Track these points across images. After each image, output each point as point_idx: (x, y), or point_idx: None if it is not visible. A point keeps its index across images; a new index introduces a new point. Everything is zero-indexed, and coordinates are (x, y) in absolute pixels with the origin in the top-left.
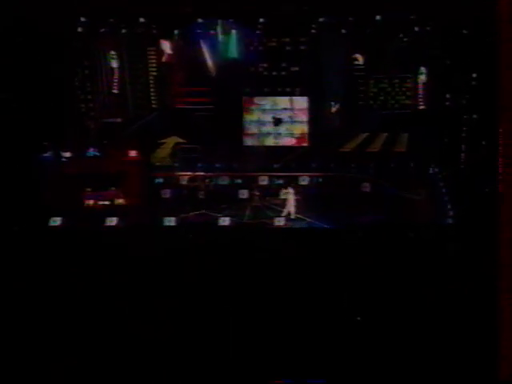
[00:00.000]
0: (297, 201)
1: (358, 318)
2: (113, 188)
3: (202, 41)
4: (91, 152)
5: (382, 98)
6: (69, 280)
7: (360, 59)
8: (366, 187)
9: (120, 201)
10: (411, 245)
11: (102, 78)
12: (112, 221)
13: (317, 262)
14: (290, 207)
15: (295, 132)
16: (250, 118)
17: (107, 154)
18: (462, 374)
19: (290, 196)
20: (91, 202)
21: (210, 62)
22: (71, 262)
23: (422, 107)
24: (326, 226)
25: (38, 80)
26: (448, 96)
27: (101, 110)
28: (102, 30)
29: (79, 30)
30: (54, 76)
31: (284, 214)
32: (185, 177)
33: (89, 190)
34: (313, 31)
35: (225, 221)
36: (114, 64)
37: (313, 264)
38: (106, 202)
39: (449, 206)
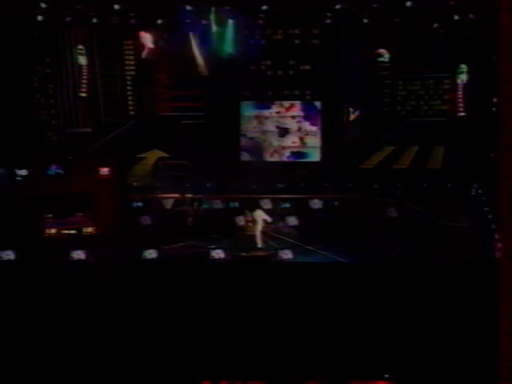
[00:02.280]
0: (270, 228)
1: (386, 376)
2: (80, 213)
3: (192, 33)
4: (53, 169)
5: (412, 102)
6: (25, 326)
7: (386, 55)
8: (393, 212)
9: (89, 229)
10: (449, 284)
11: (68, 78)
12: (79, 254)
13: (333, 306)
14: (257, 234)
15: (305, 144)
16: (250, 127)
17: (73, 171)
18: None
19: (257, 219)
20: (53, 230)
21: (201, 59)
22: (28, 305)
23: (461, 114)
24: (343, 260)
25: None
26: (494, 100)
27: (65, 117)
28: (68, 18)
29: (39, 18)
30: (6, 75)
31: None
32: (169, 199)
33: (50, 215)
34: (327, 21)
35: (218, 254)
36: (83, 61)
37: (328, 308)
38: (72, 231)
39: (496, 236)
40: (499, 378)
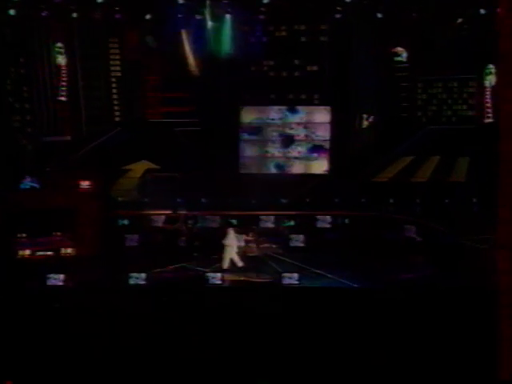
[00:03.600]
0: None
1: None
2: (58, 233)
3: (184, 29)
4: (27, 182)
5: (433, 107)
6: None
7: (403, 54)
8: (411, 231)
9: (68, 250)
10: (474, 313)
11: (45, 80)
12: (57, 278)
13: (343, 335)
14: (232, 258)
15: (312, 154)
16: (250, 135)
17: (50, 185)
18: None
19: (230, 240)
20: (27, 251)
21: (195, 59)
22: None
23: (489, 120)
24: (354, 284)
25: None
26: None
27: (42, 124)
28: (45, 13)
29: (11, 12)
30: None
31: (225, 264)
32: (159, 217)
33: (24, 235)
34: (337, 16)
35: (215, 277)
36: (62, 61)
37: (338, 337)
38: (49, 252)
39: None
40: None
